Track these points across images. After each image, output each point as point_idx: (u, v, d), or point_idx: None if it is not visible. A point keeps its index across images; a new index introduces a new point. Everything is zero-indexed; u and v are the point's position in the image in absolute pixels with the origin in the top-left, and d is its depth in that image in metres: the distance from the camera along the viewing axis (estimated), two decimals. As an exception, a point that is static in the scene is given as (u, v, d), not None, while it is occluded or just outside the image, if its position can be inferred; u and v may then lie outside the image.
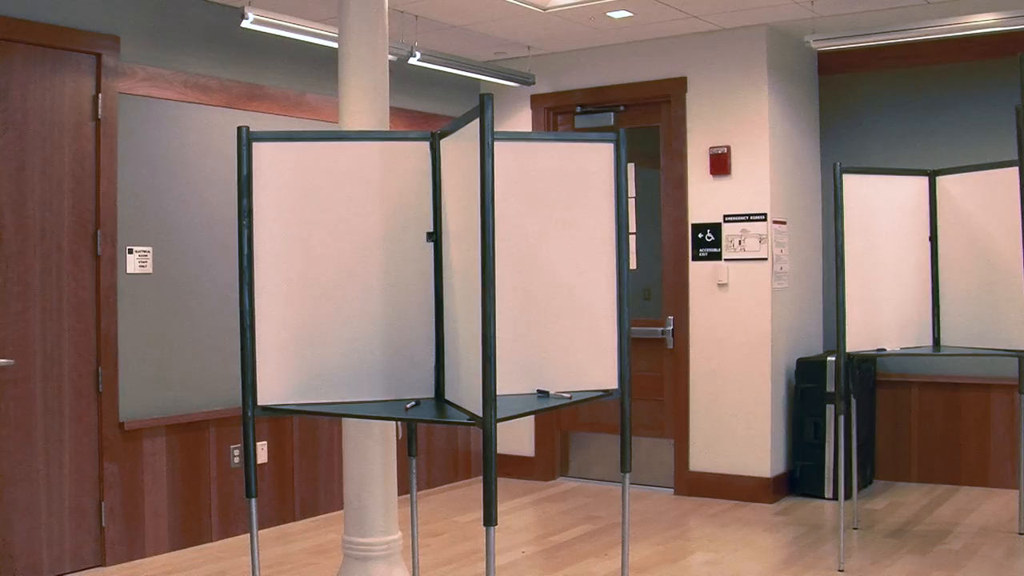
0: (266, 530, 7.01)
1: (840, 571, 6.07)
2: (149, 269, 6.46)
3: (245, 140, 4.46)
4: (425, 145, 4.67)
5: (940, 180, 6.81)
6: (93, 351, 6.19)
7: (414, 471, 5.18)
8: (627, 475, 4.85)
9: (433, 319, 4.64)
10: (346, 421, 5.29)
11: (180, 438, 6.60)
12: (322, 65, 7.26)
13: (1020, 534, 6.76)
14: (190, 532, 6.67)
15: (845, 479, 6.85)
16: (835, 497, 7.71)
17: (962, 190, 6.72)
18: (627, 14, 7.39)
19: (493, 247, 3.71)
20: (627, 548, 4.96)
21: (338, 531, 6.76)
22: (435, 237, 4.65)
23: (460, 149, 4.24)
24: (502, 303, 3.92)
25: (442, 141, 4.61)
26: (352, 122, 5.25)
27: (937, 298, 6.82)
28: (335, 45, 5.48)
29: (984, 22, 6.90)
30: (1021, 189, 3.40)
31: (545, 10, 7.19)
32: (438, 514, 7.55)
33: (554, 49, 8.47)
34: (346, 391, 4.59)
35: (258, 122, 6.85)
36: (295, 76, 7.36)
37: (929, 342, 6.84)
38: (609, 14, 7.38)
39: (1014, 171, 6.07)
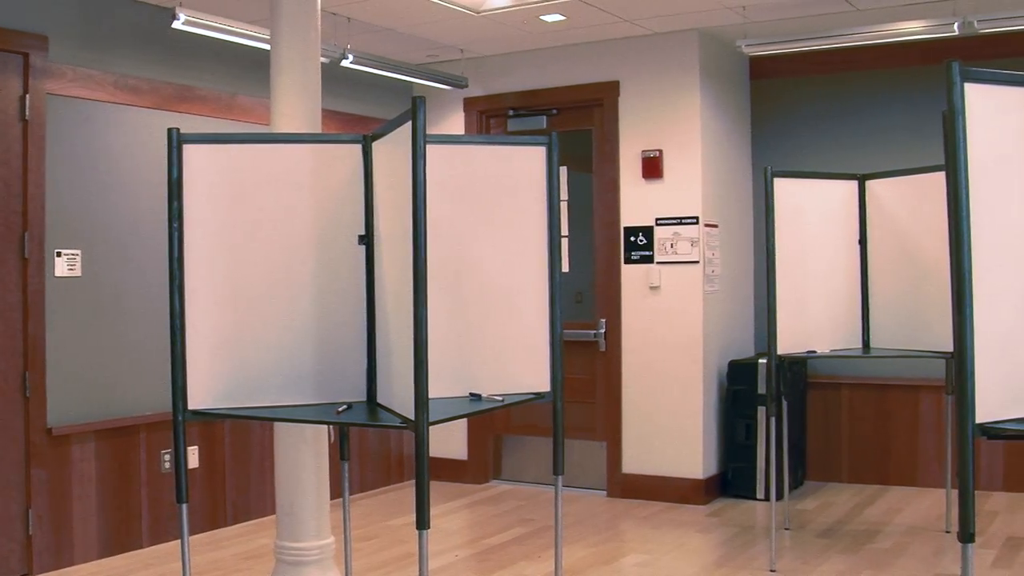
0: (197, 535, 6.95)
1: (772, 571, 6.12)
2: (78, 272, 6.38)
3: (175, 142, 4.43)
4: (357, 148, 4.66)
5: (869, 184, 6.88)
6: (20, 355, 6.11)
7: (347, 475, 5.16)
8: (560, 477, 4.87)
9: (365, 322, 4.63)
10: (278, 425, 5.26)
11: (110, 443, 6.53)
12: (254, 67, 7.21)
13: (947, 532, 6.85)
14: (120, 539, 6.59)
15: (776, 480, 6.90)
16: (767, 498, 7.76)
17: (891, 194, 6.80)
18: (560, 18, 7.40)
19: (425, 250, 3.71)
20: (560, 550, 4.97)
21: (270, 536, 6.71)
22: (367, 240, 4.63)
23: (392, 152, 4.23)
24: (434, 306, 3.92)
25: (374, 144, 4.60)
26: (284, 124, 5.22)
27: (866, 300, 6.89)
28: (267, 47, 5.45)
29: (911, 29, 6.99)
30: (948, 193, 3.45)
31: (478, 13, 7.19)
32: (371, 518, 7.53)
33: (487, 52, 8.47)
34: (278, 395, 4.57)
35: (189, 124, 6.78)
36: (227, 78, 7.31)
37: (859, 344, 6.91)
38: (542, 18, 7.39)
39: (941, 176, 6.15)
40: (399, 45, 7.96)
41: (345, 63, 7.31)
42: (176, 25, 6.35)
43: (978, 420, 3.42)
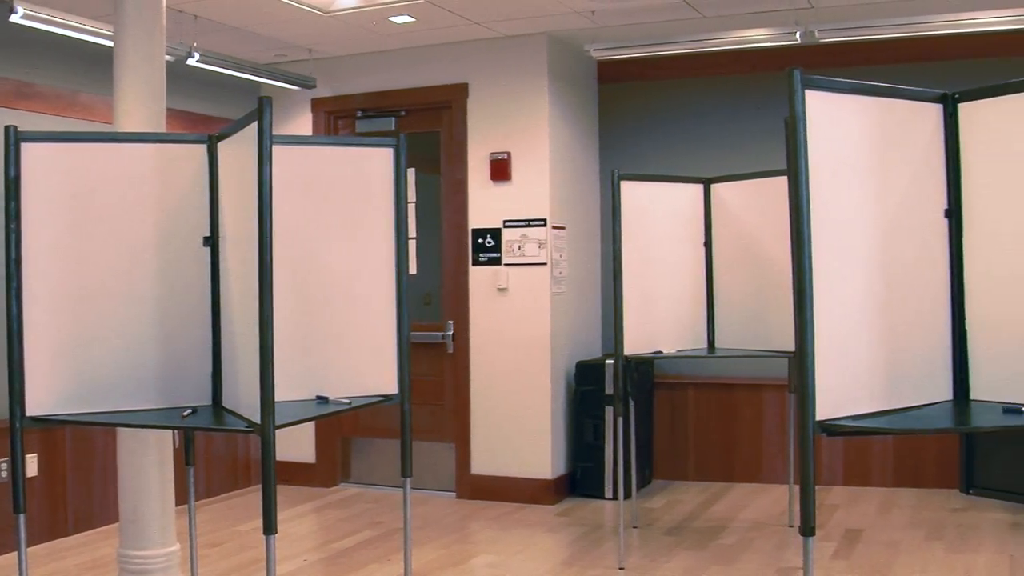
0: (37, 547, 6.76)
1: (621, 569, 6.18)
2: (-91, 274, 6.17)
3: (13, 140, 4.33)
4: (202, 148, 4.61)
5: (714, 187, 7.01)
6: None
7: (192, 480, 5.09)
8: (408, 480, 4.87)
9: (210, 325, 4.57)
10: (121, 430, 5.16)
11: (-57, 451, 6.33)
12: (97, 63, 7.04)
13: (790, 526, 7.01)
14: (-45, 549, 6.40)
15: (624, 479, 6.98)
16: (615, 497, 7.84)
17: (735, 197, 6.93)
18: (410, 19, 7.38)
19: (270, 251, 3.68)
20: (410, 553, 4.96)
21: (114, 545, 6.57)
22: (212, 241, 4.58)
23: (238, 152, 4.18)
24: (280, 308, 3.88)
25: (220, 144, 4.55)
26: (127, 123, 5.13)
27: (711, 302, 7.02)
28: (111, 43, 5.34)
29: (755, 37, 7.16)
30: (790, 197, 3.53)
31: (327, 13, 7.14)
32: (218, 524, 7.42)
33: (336, 53, 8.41)
34: (120, 399, 4.48)
35: (28, 122, 6.53)
36: (68, 74, 7.13)
37: (704, 344, 7.04)
38: (391, 19, 7.37)
39: (783, 180, 6.29)
40: (247, 44, 7.86)
41: (191, 62, 7.18)
42: (14, 18, 6.17)
43: (818, 417, 3.51)
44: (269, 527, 3.73)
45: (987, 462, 7.78)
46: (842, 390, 3.65)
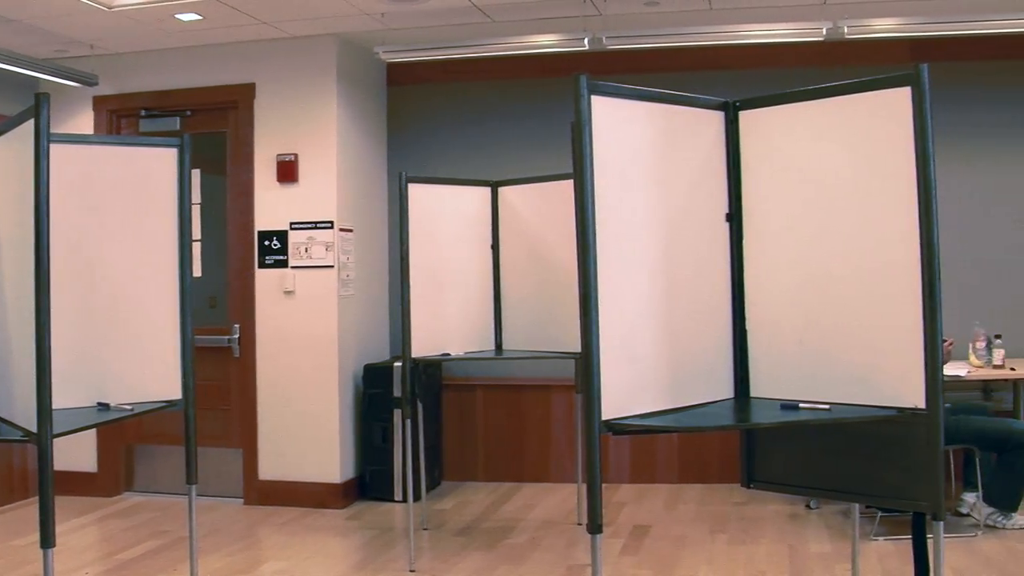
0: None
1: (411, 571, 6.19)
2: None
3: None
4: (-26, 146, 4.44)
5: (502, 191, 7.09)
6: None
7: (-36, 493, 4.91)
8: (193, 487, 4.80)
9: (-17, 330, 4.41)
10: None
11: None
12: None
13: (579, 524, 7.13)
14: None
15: (413, 482, 6.99)
16: (405, 499, 7.84)
17: (522, 200, 7.02)
18: (196, 17, 7.25)
19: (48, 254, 3.59)
20: (196, 562, 4.89)
21: None
22: (-14, 243, 4.42)
23: (13, 151, 4.06)
24: (58, 313, 3.78)
25: (-7, 142, 4.40)
26: None
27: (499, 303, 7.09)
28: None
29: (544, 43, 7.26)
30: (575, 200, 3.59)
31: (110, 8, 6.96)
32: (-8, 537, 7.18)
33: (119, 49, 8.20)
34: None
35: None
36: None
37: (492, 346, 7.10)
38: (177, 16, 7.22)
39: (570, 183, 6.39)
40: (24, 37, 7.60)
41: (-38, 56, 6.93)
42: None
43: (604, 417, 3.58)
44: (47, 540, 3.63)
45: (767, 457, 8.00)
46: (627, 390, 3.72)
